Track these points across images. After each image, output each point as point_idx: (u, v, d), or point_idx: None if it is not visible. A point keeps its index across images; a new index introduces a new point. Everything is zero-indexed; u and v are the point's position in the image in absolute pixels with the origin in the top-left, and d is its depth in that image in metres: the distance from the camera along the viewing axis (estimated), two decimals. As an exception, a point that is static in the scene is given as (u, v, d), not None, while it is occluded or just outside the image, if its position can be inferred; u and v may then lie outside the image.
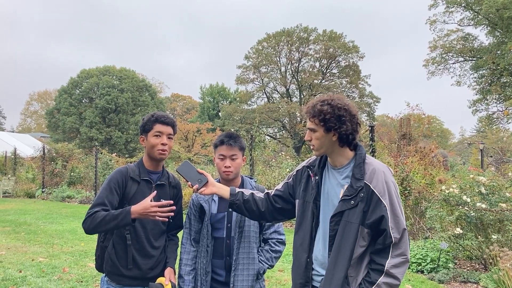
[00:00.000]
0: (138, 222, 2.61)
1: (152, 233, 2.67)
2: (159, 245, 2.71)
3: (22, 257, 7.14)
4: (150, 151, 2.66)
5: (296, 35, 42.69)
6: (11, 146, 25.99)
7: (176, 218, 2.81)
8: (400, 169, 8.54)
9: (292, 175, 2.43)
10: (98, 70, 46.44)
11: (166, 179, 2.77)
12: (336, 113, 2.10)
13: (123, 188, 2.61)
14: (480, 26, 31.64)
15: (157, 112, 2.73)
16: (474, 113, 34.27)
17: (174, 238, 2.87)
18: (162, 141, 2.64)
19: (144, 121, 2.69)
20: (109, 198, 2.54)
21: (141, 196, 2.60)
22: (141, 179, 2.65)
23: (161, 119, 2.66)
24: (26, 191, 18.93)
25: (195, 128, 34.76)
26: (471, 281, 5.92)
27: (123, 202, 2.60)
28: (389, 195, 2.07)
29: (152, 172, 2.72)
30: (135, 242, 2.62)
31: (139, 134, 2.78)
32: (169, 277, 2.63)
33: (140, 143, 2.72)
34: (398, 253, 2.04)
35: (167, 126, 2.67)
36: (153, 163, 2.72)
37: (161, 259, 2.73)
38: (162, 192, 2.72)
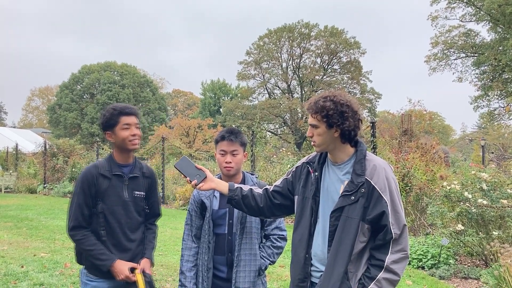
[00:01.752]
0: (113, 217, 2.62)
1: (128, 226, 2.67)
2: (135, 238, 2.71)
3: (24, 252, 7.17)
4: (121, 145, 2.64)
5: (297, 31, 42.59)
6: (13, 141, 26.06)
7: (153, 208, 2.84)
8: (401, 165, 8.53)
9: (292, 171, 2.43)
10: (99, 65, 46.43)
11: (139, 170, 2.75)
12: (338, 109, 2.09)
13: (95, 186, 2.60)
14: (482, 22, 31.53)
15: (116, 104, 2.70)
16: (476, 109, 34.25)
17: (152, 227, 2.87)
18: (132, 133, 2.63)
19: (107, 116, 2.63)
20: (84, 211, 2.59)
21: (113, 191, 2.62)
22: (112, 175, 2.64)
23: (126, 110, 2.64)
24: (27, 187, 18.98)
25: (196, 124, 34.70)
26: (472, 277, 5.93)
27: (96, 200, 2.61)
28: (390, 191, 2.07)
29: (123, 166, 2.70)
30: (111, 237, 2.62)
31: (102, 131, 2.72)
32: (143, 268, 2.64)
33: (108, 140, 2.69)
34: (398, 249, 2.05)
35: (133, 116, 2.65)
36: (124, 156, 2.70)
37: (139, 252, 2.73)
38: (136, 184, 2.71)
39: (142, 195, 2.74)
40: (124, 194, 2.66)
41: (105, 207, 2.61)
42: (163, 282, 5.64)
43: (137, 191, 2.72)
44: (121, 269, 2.55)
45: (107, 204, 2.61)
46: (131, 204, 2.68)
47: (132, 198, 2.69)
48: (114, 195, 2.63)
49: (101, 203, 2.61)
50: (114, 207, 2.63)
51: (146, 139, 41.50)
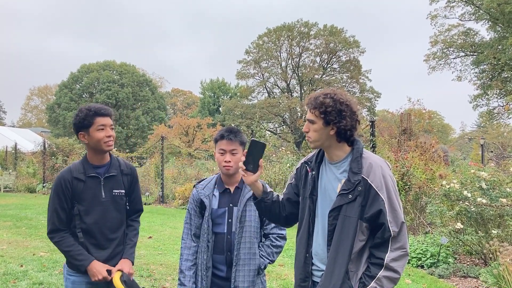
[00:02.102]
0: (90, 218, 2.62)
1: (106, 226, 2.67)
2: (115, 237, 2.71)
3: (23, 251, 7.16)
4: (96, 146, 2.62)
5: (296, 30, 42.59)
6: (12, 141, 26.03)
7: (134, 203, 2.83)
8: (400, 164, 8.53)
9: (293, 175, 2.42)
10: (98, 65, 46.41)
11: (116, 168, 2.73)
12: (337, 107, 2.09)
13: (70, 190, 2.61)
14: (481, 21, 31.56)
15: (91, 104, 2.67)
16: (475, 108, 34.28)
17: (133, 223, 2.85)
18: (107, 134, 2.62)
19: (81, 116, 2.60)
20: (60, 215, 2.61)
21: (89, 193, 2.62)
22: (86, 177, 2.63)
23: (101, 111, 2.62)
24: (26, 186, 18.96)
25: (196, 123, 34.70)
26: (471, 276, 5.93)
27: (73, 203, 2.62)
28: (387, 189, 2.07)
29: (98, 167, 2.69)
30: (89, 237, 2.63)
31: (74, 131, 2.69)
32: (122, 268, 2.65)
33: (81, 140, 2.66)
34: (397, 246, 2.05)
35: (108, 117, 2.63)
36: (98, 157, 2.69)
37: (119, 251, 2.73)
38: (114, 183, 2.70)
39: (122, 192, 2.73)
40: (101, 194, 2.65)
41: (82, 208, 2.62)
42: (162, 281, 5.64)
43: (116, 190, 2.71)
44: (98, 270, 2.58)
45: (83, 205, 2.62)
46: (110, 204, 2.68)
47: (111, 197, 2.68)
48: (90, 197, 2.63)
49: (77, 205, 2.62)
50: (91, 208, 2.63)
51: (145, 138, 41.54)
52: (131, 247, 2.78)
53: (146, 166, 18.38)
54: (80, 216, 2.62)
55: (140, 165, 20.32)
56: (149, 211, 12.14)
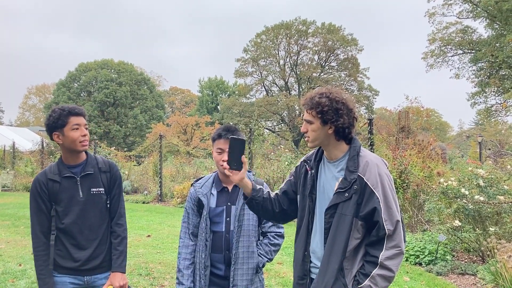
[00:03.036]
0: (68, 218, 2.61)
1: (85, 225, 2.64)
2: (96, 237, 2.67)
3: (22, 250, 7.16)
4: (71, 146, 2.59)
5: (294, 28, 42.56)
6: (10, 140, 25.97)
7: (114, 202, 2.75)
8: (398, 162, 8.55)
9: (293, 172, 2.43)
10: (96, 63, 46.32)
11: (93, 166, 2.69)
12: (333, 106, 2.10)
13: (46, 193, 2.60)
14: (479, 18, 31.53)
15: (64, 105, 2.65)
16: (473, 106, 34.29)
17: (116, 229, 2.74)
18: (82, 133, 2.60)
19: (55, 116, 2.56)
20: (40, 218, 2.61)
21: (65, 193, 2.61)
22: (62, 177, 2.62)
23: (75, 111, 2.60)
24: (25, 185, 18.91)
25: (194, 122, 34.74)
26: (469, 273, 5.95)
27: (51, 204, 2.62)
28: (382, 187, 2.07)
29: (73, 166, 2.66)
30: (68, 237, 2.62)
31: (47, 132, 2.65)
32: (111, 283, 2.65)
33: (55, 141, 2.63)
34: (392, 245, 2.05)
35: (81, 116, 2.62)
36: (73, 157, 2.66)
37: (101, 251, 2.69)
38: (91, 181, 2.67)
39: (101, 191, 2.69)
40: (78, 194, 2.63)
41: (60, 209, 2.61)
42: (161, 280, 5.65)
43: (94, 188, 2.67)
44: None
45: (61, 206, 2.61)
46: (88, 203, 2.65)
47: (89, 196, 2.65)
48: (67, 197, 2.61)
49: (55, 206, 2.61)
50: (69, 208, 2.61)
51: (143, 137, 41.50)
52: (118, 257, 2.70)
53: (145, 164, 18.39)
54: (58, 216, 2.61)
55: (139, 163, 20.33)
56: (147, 210, 12.15)
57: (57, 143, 2.64)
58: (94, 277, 2.68)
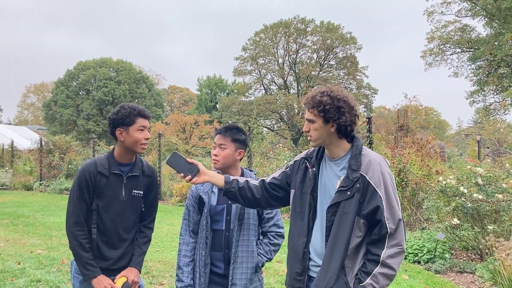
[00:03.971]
0: (107, 215, 2.61)
1: (122, 225, 2.66)
2: (128, 237, 2.70)
3: (21, 249, 7.16)
4: (131, 145, 2.61)
5: (293, 27, 42.50)
6: (8, 138, 25.94)
7: (149, 207, 2.80)
8: (397, 161, 8.56)
9: (290, 164, 2.44)
10: (94, 62, 46.23)
11: (139, 169, 2.73)
12: (335, 104, 2.11)
13: (92, 183, 2.60)
14: (477, 17, 31.54)
15: (134, 104, 2.67)
16: (472, 105, 34.30)
17: (144, 230, 2.80)
18: (146, 136, 2.62)
19: (124, 113, 2.59)
20: (82, 206, 2.59)
21: (110, 190, 2.61)
22: (110, 173, 2.63)
23: (143, 113, 2.63)
24: (23, 184, 18.91)
25: (193, 120, 34.65)
26: (467, 271, 5.97)
27: (92, 197, 2.61)
28: (385, 186, 2.08)
29: (124, 165, 2.68)
30: (103, 235, 2.62)
31: (110, 125, 2.66)
32: (126, 275, 2.65)
33: (117, 136, 2.63)
34: (394, 243, 2.06)
35: (148, 119, 2.66)
36: (127, 156, 2.68)
37: (129, 250, 2.72)
38: (135, 183, 2.70)
39: (140, 194, 2.73)
40: (121, 193, 2.65)
41: (101, 204, 2.61)
42: (160, 278, 5.65)
43: (135, 190, 2.70)
44: (104, 285, 2.56)
45: (102, 202, 2.61)
46: (128, 203, 2.67)
47: (129, 197, 2.68)
48: (111, 194, 2.62)
49: (97, 200, 2.61)
50: (110, 206, 2.62)
51: (142, 135, 41.36)
52: (140, 255, 2.75)
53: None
54: (98, 211, 2.61)
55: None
56: (146, 208, 12.13)
57: (116, 138, 2.64)
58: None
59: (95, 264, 2.58)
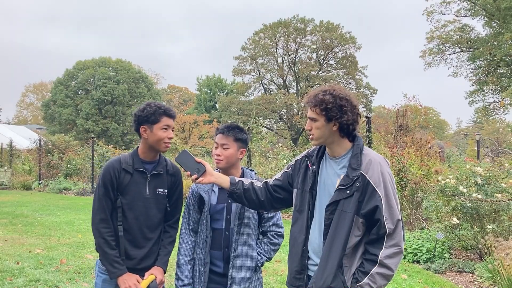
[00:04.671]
0: (132, 213, 2.61)
1: (146, 224, 2.65)
2: (153, 236, 2.69)
3: (20, 248, 7.15)
4: (154, 143, 2.62)
5: (293, 26, 42.49)
6: (7, 138, 25.90)
7: (174, 206, 2.79)
8: (396, 160, 8.56)
9: (291, 164, 2.44)
10: (94, 61, 46.18)
11: (163, 167, 2.73)
12: (337, 103, 2.11)
13: (117, 180, 2.60)
14: (477, 17, 31.57)
15: (160, 103, 2.68)
16: (471, 104, 34.33)
17: (169, 230, 2.80)
18: (169, 135, 2.63)
19: (149, 111, 2.60)
20: (107, 203, 2.59)
21: (134, 187, 2.61)
22: (134, 170, 2.63)
23: (169, 112, 2.64)
24: (22, 183, 18.90)
25: (192, 120, 34.72)
26: (467, 270, 5.97)
27: (117, 194, 2.61)
28: (384, 186, 2.08)
29: (147, 162, 2.69)
30: (127, 233, 2.61)
31: (135, 122, 2.67)
32: (153, 273, 2.64)
33: (141, 133, 2.63)
34: (392, 243, 2.06)
35: (173, 119, 2.67)
36: (151, 154, 2.69)
37: (155, 250, 2.71)
38: (159, 181, 2.70)
39: (165, 192, 2.72)
40: (145, 190, 2.64)
41: (125, 202, 2.61)
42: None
43: (160, 189, 2.69)
44: (129, 283, 2.54)
45: (127, 199, 2.61)
46: (152, 201, 2.66)
47: (154, 195, 2.67)
48: (135, 191, 2.62)
49: (121, 197, 2.60)
50: (134, 203, 2.62)
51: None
52: (165, 255, 2.75)
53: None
54: (122, 209, 2.60)
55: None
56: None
57: (140, 135, 2.65)
58: (142, 278, 2.66)
59: (122, 262, 2.57)
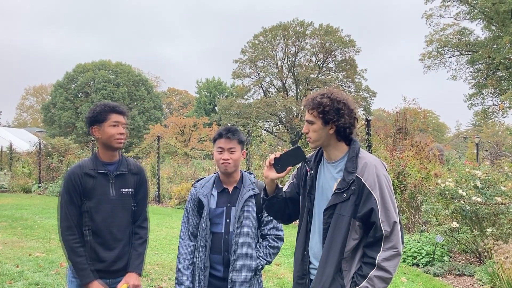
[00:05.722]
0: (99, 215, 2.61)
1: (115, 225, 2.65)
2: (123, 237, 2.68)
3: (19, 252, 7.14)
4: (107, 141, 2.63)
5: (292, 29, 42.60)
6: (7, 141, 25.91)
7: (140, 205, 2.78)
8: (396, 163, 8.57)
9: (294, 174, 2.43)
10: (93, 64, 46.25)
11: (125, 167, 2.73)
12: (335, 106, 2.12)
13: (80, 186, 2.61)
14: (476, 20, 31.66)
15: (108, 102, 2.71)
16: (470, 107, 34.39)
17: (139, 231, 2.77)
18: (119, 131, 2.63)
19: (96, 111, 2.63)
20: (72, 210, 2.60)
21: (98, 190, 2.62)
22: (97, 173, 2.64)
23: (117, 108, 2.65)
24: (22, 186, 18.87)
25: (192, 123, 34.67)
26: (466, 274, 5.97)
27: (82, 199, 2.61)
28: (380, 188, 2.08)
29: (109, 164, 2.69)
30: (97, 236, 2.62)
31: (86, 125, 2.71)
32: (126, 282, 2.64)
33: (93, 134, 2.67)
34: (389, 246, 2.06)
35: (122, 115, 2.67)
36: (109, 154, 2.69)
37: (126, 251, 2.70)
38: (123, 181, 2.70)
39: (130, 192, 2.73)
40: (110, 192, 2.65)
41: (91, 205, 2.61)
42: (159, 281, 5.64)
43: (124, 189, 2.70)
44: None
45: (93, 202, 2.61)
46: (118, 202, 2.67)
47: (119, 196, 2.67)
48: (100, 194, 2.62)
49: (87, 201, 2.61)
50: (100, 206, 2.62)
51: (141, 138, 41.46)
52: (136, 258, 2.72)
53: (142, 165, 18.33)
54: (89, 213, 2.61)
55: (136, 164, 20.25)
56: (145, 211, 12.11)
57: (94, 137, 2.67)
58: (116, 280, 2.67)
59: (90, 268, 2.57)
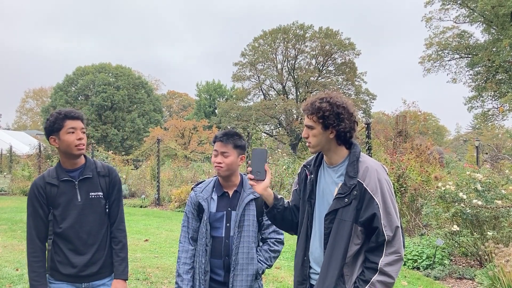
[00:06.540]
0: (66, 223, 2.58)
1: (84, 231, 2.61)
2: (94, 242, 2.64)
3: (19, 255, 7.13)
4: (67, 149, 2.57)
5: (292, 32, 42.68)
6: (7, 143, 25.91)
7: (113, 207, 2.73)
8: (396, 166, 8.56)
9: (296, 180, 2.42)
10: (93, 67, 46.30)
11: (92, 170, 2.67)
12: (334, 111, 2.10)
13: (44, 196, 2.58)
14: (475, 23, 31.76)
15: (61, 109, 2.65)
16: (470, 110, 34.46)
17: (117, 235, 2.72)
18: (78, 137, 2.57)
19: (51, 120, 2.57)
20: (36, 221, 2.58)
21: (64, 197, 2.58)
22: (60, 181, 2.59)
23: (71, 114, 2.58)
24: (22, 189, 18.84)
25: (192, 126, 34.71)
26: (467, 277, 5.96)
27: (49, 209, 2.59)
28: (382, 193, 2.07)
29: (72, 171, 2.64)
30: (67, 242, 2.59)
31: (45, 135, 2.64)
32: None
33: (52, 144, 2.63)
34: (392, 251, 2.04)
35: (78, 120, 2.60)
36: (71, 161, 2.63)
37: (100, 257, 2.66)
38: (90, 185, 2.65)
39: (100, 195, 2.67)
40: (76, 198, 2.60)
41: (57, 213, 2.58)
42: (159, 284, 5.63)
43: (93, 192, 2.65)
44: None
45: (58, 210, 2.58)
46: (87, 207, 2.62)
47: (87, 200, 2.63)
48: (66, 201, 2.59)
49: (53, 210, 2.59)
50: (67, 212, 2.59)
51: (141, 140, 41.46)
52: (120, 264, 2.68)
53: (142, 168, 18.35)
54: (56, 221, 2.58)
55: (136, 167, 20.29)
56: (145, 214, 12.11)
57: (54, 147, 2.62)
58: (92, 284, 2.64)
59: (42, 282, 2.56)
